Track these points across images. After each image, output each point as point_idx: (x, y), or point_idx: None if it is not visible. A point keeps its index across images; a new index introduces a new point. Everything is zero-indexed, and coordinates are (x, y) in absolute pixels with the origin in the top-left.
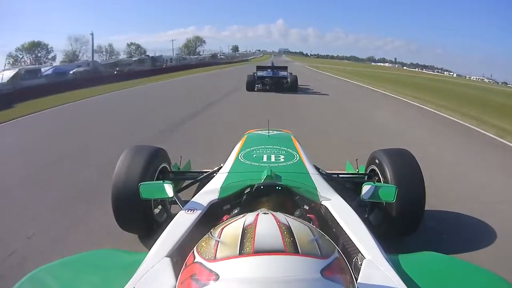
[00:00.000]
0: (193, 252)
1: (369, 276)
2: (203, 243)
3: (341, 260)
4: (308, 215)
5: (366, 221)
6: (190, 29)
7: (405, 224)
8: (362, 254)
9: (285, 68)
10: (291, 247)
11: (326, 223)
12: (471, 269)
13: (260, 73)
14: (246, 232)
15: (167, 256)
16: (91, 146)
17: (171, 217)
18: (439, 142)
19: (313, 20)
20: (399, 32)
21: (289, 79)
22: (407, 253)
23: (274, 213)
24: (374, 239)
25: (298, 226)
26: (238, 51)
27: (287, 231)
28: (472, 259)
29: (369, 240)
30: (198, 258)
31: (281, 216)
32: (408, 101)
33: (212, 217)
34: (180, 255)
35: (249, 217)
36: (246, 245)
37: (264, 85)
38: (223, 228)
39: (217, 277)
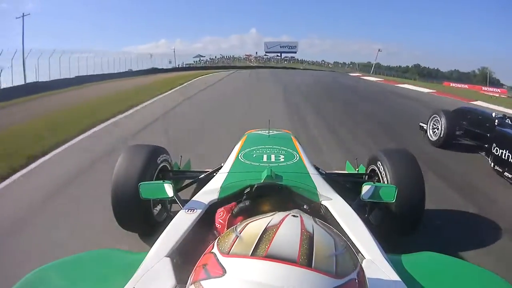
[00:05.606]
0: (214, 241)
1: (369, 276)
2: (225, 235)
3: (358, 283)
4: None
5: (366, 221)
6: (162, 42)
7: (405, 224)
8: (362, 254)
9: None
10: (305, 259)
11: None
12: (471, 269)
13: None
14: (266, 233)
15: (167, 256)
16: None
17: (171, 216)
18: None
19: (286, 27)
20: (376, 36)
21: None
22: (407, 253)
23: (305, 217)
24: (374, 239)
25: (321, 237)
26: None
27: (308, 240)
28: None
29: (369, 240)
30: (214, 249)
31: (309, 222)
32: None
33: (212, 217)
34: (180, 255)
35: (276, 217)
36: (261, 247)
37: None
38: (247, 224)
39: (224, 272)
